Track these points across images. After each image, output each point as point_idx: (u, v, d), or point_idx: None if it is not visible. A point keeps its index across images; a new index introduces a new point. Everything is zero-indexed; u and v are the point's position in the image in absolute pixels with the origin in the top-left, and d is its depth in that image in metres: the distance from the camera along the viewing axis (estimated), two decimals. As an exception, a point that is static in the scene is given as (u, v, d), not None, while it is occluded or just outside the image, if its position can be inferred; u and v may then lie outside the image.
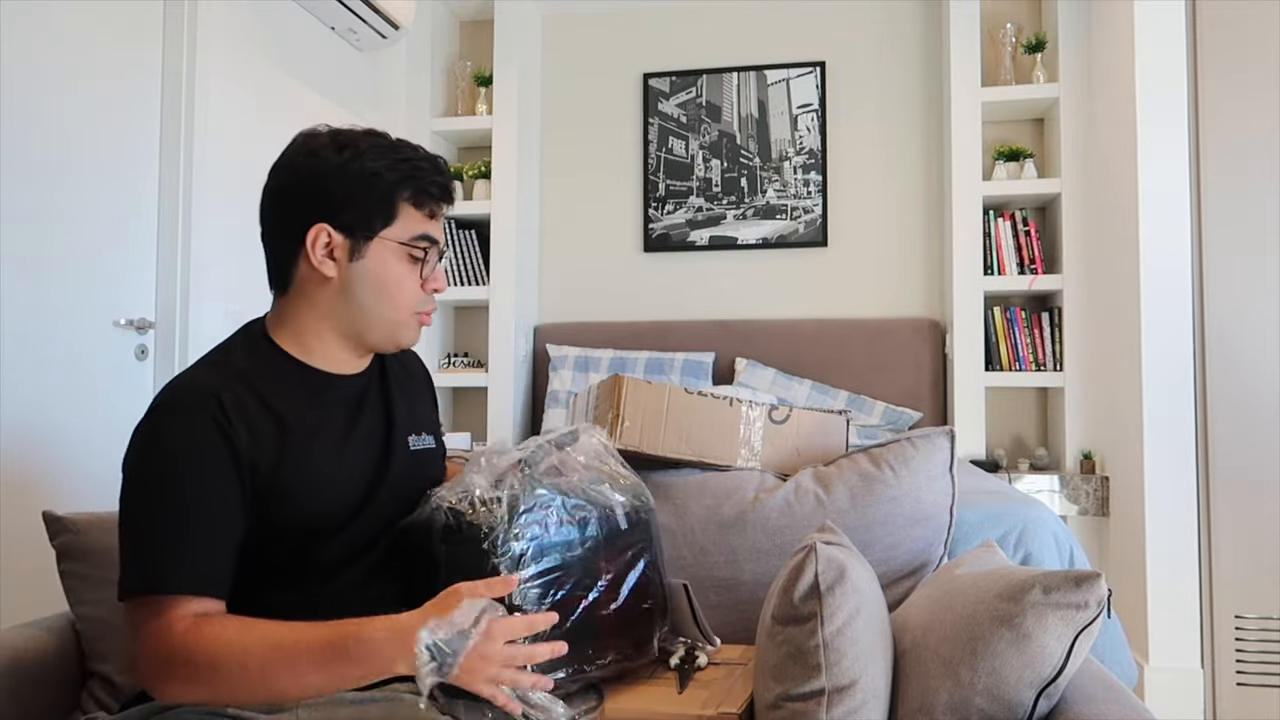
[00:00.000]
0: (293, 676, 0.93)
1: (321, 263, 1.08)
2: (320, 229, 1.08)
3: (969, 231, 3.19)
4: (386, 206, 1.09)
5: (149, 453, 1.01)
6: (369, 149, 1.09)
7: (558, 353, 3.50)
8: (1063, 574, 0.93)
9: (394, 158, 1.10)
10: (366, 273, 1.09)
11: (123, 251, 2.28)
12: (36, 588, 1.81)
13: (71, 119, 2.12)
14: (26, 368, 1.99)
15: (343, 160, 1.08)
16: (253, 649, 0.93)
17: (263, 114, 2.72)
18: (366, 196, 1.08)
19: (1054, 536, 1.62)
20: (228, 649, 0.93)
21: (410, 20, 3.20)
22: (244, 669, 0.93)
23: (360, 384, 1.17)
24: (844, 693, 0.94)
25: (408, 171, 1.10)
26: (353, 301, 1.10)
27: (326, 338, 1.12)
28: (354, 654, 0.92)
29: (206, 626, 0.95)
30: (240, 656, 0.93)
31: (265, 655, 0.93)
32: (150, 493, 0.99)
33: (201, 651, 0.93)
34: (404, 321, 1.13)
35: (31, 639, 1.31)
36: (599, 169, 3.75)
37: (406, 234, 1.10)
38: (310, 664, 0.93)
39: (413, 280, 1.12)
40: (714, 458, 1.45)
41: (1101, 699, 0.94)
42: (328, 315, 1.11)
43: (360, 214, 1.08)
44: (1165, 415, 2.60)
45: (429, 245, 1.12)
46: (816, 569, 0.97)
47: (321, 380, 1.12)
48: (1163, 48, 2.66)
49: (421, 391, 1.31)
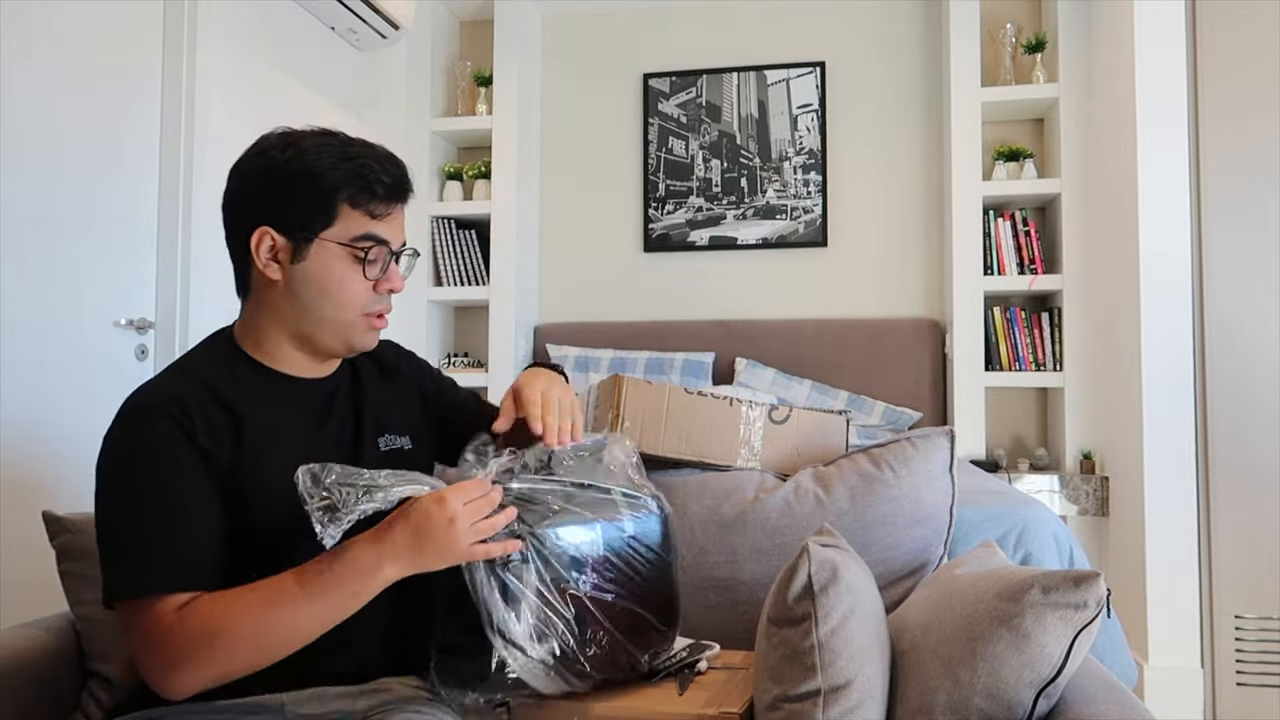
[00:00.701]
0: (283, 620, 0.95)
1: (267, 265, 1.08)
2: (264, 232, 1.07)
3: (969, 231, 3.20)
4: (326, 206, 1.06)
5: (116, 457, 1.02)
6: (312, 148, 1.07)
7: (558, 353, 3.50)
8: (1062, 574, 0.93)
9: (337, 156, 1.07)
10: (309, 274, 1.07)
11: (123, 251, 2.28)
12: (36, 588, 1.80)
13: (71, 119, 2.12)
14: (26, 368, 1.99)
15: (285, 159, 1.07)
16: (241, 611, 0.94)
17: (263, 114, 2.72)
18: (305, 196, 1.06)
19: (1054, 536, 1.62)
20: (219, 620, 0.94)
21: (410, 20, 3.20)
22: (240, 632, 0.94)
23: (327, 387, 1.16)
24: (840, 693, 0.94)
25: (350, 171, 1.07)
26: (298, 304, 1.09)
27: (281, 342, 1.11)
28: (339, 572, 0.95)
29: (191, 610, 0.95)
30: (233, 622, 0.94)
31: (255, 612, 0.94)
32: (121, 497, 1.00)
33: (196, 632, 0.94)
34: (352, 323, 1.10)
35: (31, 639, 1.31)
36: (599, 169, 3.75)
37: (347, 234, 1.07)
38: (301, 597, 0.95)
39: (358, 281, 1.09)
40: (714, 458, 1.45)
41: (1101, 699, 0.94)
42: (279, 319, 1.10)
43: (300, 215, 1.07)
44: (1165, 415, 2.60)
45: (373, 245, 1.08)
46: (810, 570, 0.97)
47: (284, 384, 1.12)
48: (1163, 48, 2.66)
49: (408, 387, 1.28)
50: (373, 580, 0.96)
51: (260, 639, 0.94)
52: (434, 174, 3.63)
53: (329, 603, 0.96)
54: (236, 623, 0.94)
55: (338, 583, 0.95)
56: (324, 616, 0.96)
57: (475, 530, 0.99)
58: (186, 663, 0.94)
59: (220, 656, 0.94)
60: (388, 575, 0.97)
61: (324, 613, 0.96)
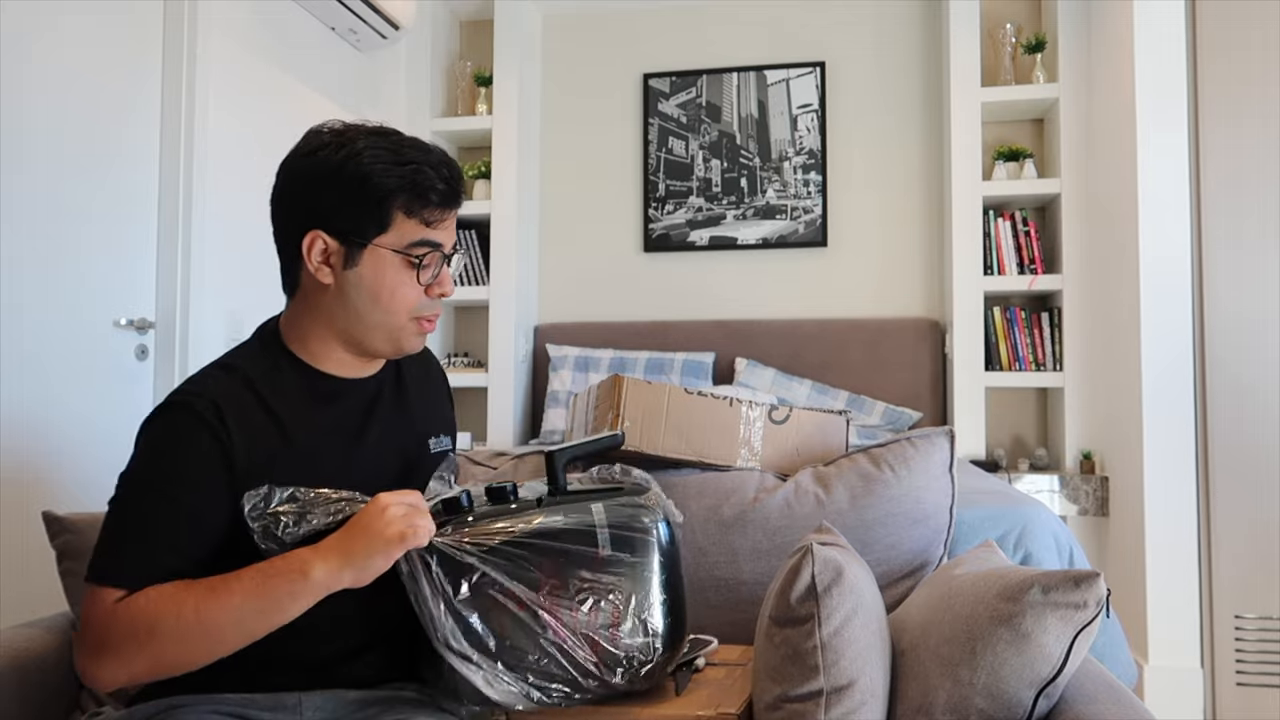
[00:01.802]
0: (225, 610, 0.93)
1: (318, 269, 1.06)
2: (315, 235, 1.05)
3: (969, 231, 3.20)
4: (380, 213, 1.04)
5: (137, 449, 1.02)
6: (366, 149, 1.04)
7: (558, 353, 3.50)
8: (1061, 574, 0.93)
9: (392, 160, 1.04)
10: (361, 280, 1.06)
11: (123, 251, 2.28)
12: (36, 588, 1.81)
13: (71, 118, 2.12)
14: (26, 368, 1.99)
15: (339, 162, 1.04)
16: (185, 597, 0.94)
17: (263, 114, 2.72)
18: (360, 202, 1.04)
19: (1054, 537, 1.62)
20: (162, 607, 0.94)
21: (410, 20, 3.20)
22: (181, 620, 0.93)
23: (371, 388, 1.16)
24: (842, 693, 0.94)
25: (406, 177, 1.04)
26: (350, 308, 1.08)
27: (330, 343, 1.11)
28: (280, 570, 0.95)
29: (137, 597, 0.95)
30: (174, 609, 0.93)
31: (197, 599, 0.94)
32: (127, 487, 1.01)
33: (139, 618, 0.93)
34: (403, 327, 1.10)
35: (31, 639, 1.31)
36: (599, 169, 3.75)
37: (402, 241, 1.06)
38: (243, 595, 0.94)
39: (410, 286, 1.08)
40: (714, 458, 1.45)
41: (1101, 699, 0.94)
42: (328, 321, 1.10)
43: (353, 220, 1.05)
44: (1165, 415, 2.60)
45: (429, 250, 1.07)
46: (813, 570, 0.97)
47: (329, 385, 1.11)
48: (1163, 48, 2.66)
49: (440, 392, 1.31)
50: (304, 580, 0.94)
51: (196, 630, 0.93)
52: (434, 174, 3.62)
53: (264, 600, 0.94)
54: (169, 615, 0.93)
55: (272, 581, 0.94)
56: (264, 614, 0.95)
57: (405, 514, 0.97)
58: (121, 650, 0.94)
59: (156, 645, 0.93)
60: (320, 574, 0.94)
61: (262, 610, 0.94)
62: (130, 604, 0.94)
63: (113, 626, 0.94)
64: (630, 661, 1.07)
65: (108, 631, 0.94)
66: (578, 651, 1.05)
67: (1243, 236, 2.58)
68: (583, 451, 1.28)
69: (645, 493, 1.15)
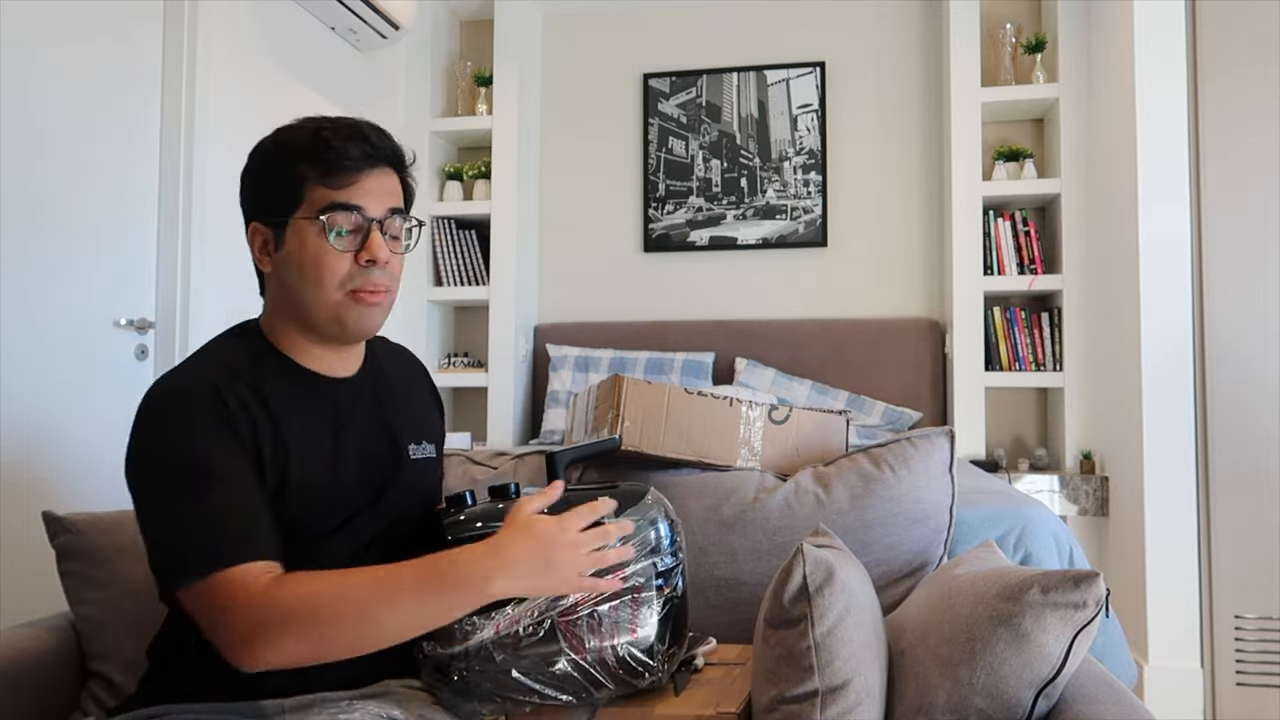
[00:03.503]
0: (393, 610, 0.92)
1: (260, 259, 1.09)
2: (254, 228, 1.09)
3: (969, 231, 3.20)
4: (294, 189, 1.05)
5: (161, 440, 0.98)
6: (286, 136, 1.07)
7: (558, 353, 3.50)
8: (1061, 574, 0.93)
9: (304, 136, 1.06)
10: (289, 258, 1.06)
11: (123, 251, 2.28)
12: (36, 588, 1.81)
13: (71, 119, 2.12)
14: (26, 368, 1.99)
15: (262, 154, 1.08)
16: (348, 591, 0.92)
17: (263, 114, 2.72)
18: (276, 182, 1.06)
19: (1054, 537, 1.62)
20: (322, 596, 0.92)
21: (410, 20, 3.20)
22: (342, 612, 0.91)
23: (350, 389, 1.14)
24: (837, 693, 0.94)
25: (308, 145, 1.05)
26: (288, 290, 1.07)
27: (293, 334, 1.10)
28: (449, 577, 0.94)
29: (290, 582, 0.93)
30: (337, 600, 0.92)
31: (362, 594, 0.92)
32: (175, 478, 0.96)
33: (296, 604, 0.91)
34: (339, 301, 1.06)
35: (31, 639, 1.31)
36: (599, 169, 3.75)
37: (313, 209, 1.05)
38: (411, 594, 0.93)
39: (332, 254, 1.04)
40: (714, 458, 1.45)
41: (1101, 699, 0.94)
42: (283, 312, 1.10)
43: (275, 202, 1.06)
44: (1165, 415, 2.60)
45: (342, 212, 1.04)
46: (804, 570, 0.97)
47: (313, 382, 1.10)
48: (1163, 48, 2.66)
49: (425, 399, 1.28)
50: (482, 593, 0.94)
51: (363, 622, 0.92)
52: (434, 174, 3.63)
53: (438, 605, 0.94)
54: (339, 604, 0.91)
55: (450, 587, 0.94)
56: (428, 617, 0.95)
57: (593, 559, 0.99)
58: (282, 633, 0.90)
59: (318, 632, 0.91)
60: (498, 590, 0.95)
61: (430, 614, 0.95)
62: (282, 589, 0.92)
63: (268, 607, 0.91)
64: (632, 660, 1.08)
65: (264, 613, 0.91)
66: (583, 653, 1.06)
67: (1243, 236, 2.58)
68: (582, 453, 1.28)
69: (645, 493, 1.15)
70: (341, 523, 1.07)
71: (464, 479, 1.53)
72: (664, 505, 1.15)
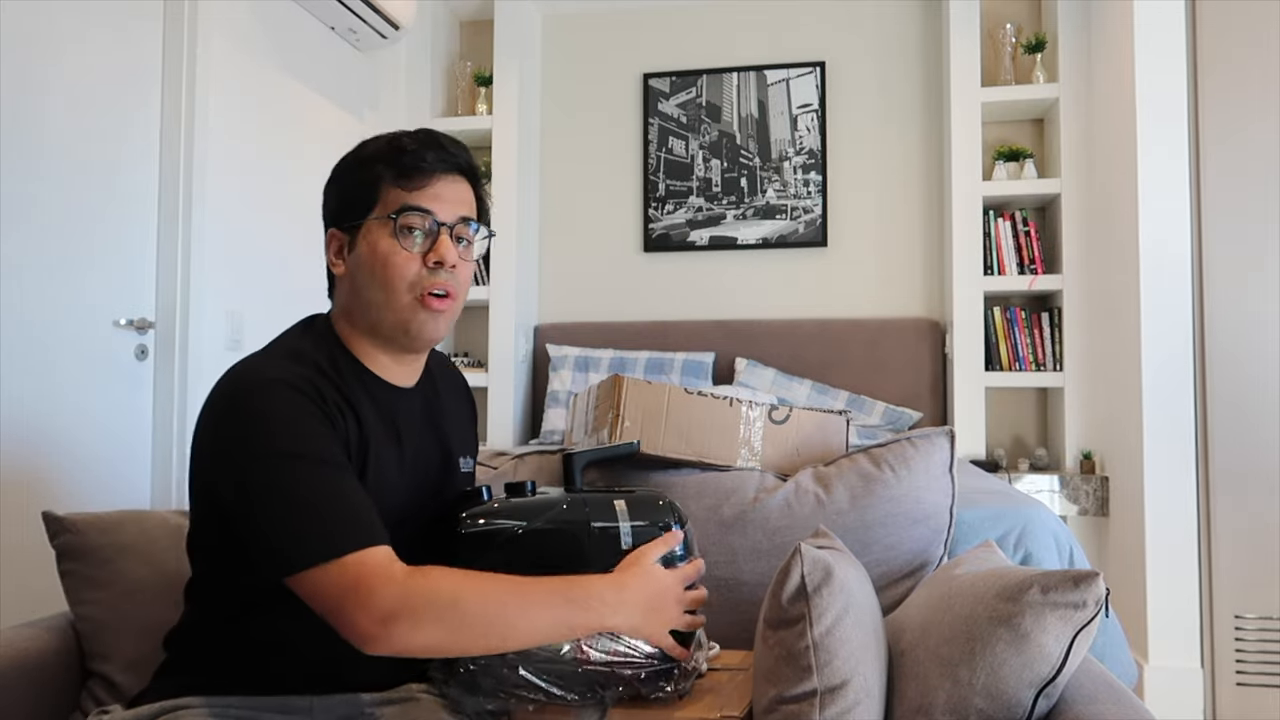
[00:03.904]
0: (525, 616, 0.95)
1: (334, 263, 1.11)
2: (331, 234, 1.12)
3: (969, 231, 3.20)
4: (369, 191, 1.08)
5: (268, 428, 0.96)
6: (368, 143, 1.11)
7: (558, 353, 3.50)
8: (1061, 573, 0.93)
9: (383, 142, 1.10)
10: (360, 260, 1.08)
11: (123, 251, 2.28)
12: (36, 588, 1.81)
13: (71, 118, 2.12)
14: (26, 368, 1.99)
15: (344, 162, 1.12)
16: (490, 589, 0.95)
17: (263, 114, 2.72)
18: (354, 187, 1.09)
19: (1054, 537, 1.62)
20: (466, 589, 0.94)
21: (410, 20, 3.20)
22: (484, 606, 0.93)
23: (411, 402, 1.15)
24: (836, 693, 0.94)
25: (385, 149, 1.09)
26: (357, 293, 1.09)
27: (361, 340, 1.11)
28: (580, 600, 0.98)
29: (431, 572, 0.94)
30: (480, 596, 0.94)
31: (502, 596, 0.95)
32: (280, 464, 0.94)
33: (441, 592, 0.93)
34: (407, 304, 1.06)
35: (31, 639, 1.31)
36: (599, 169, 3.75)
37: (387, 210, 1.07)
38: (542, 605, 0.96)
39: (402, 255, 1.05)
40: (714, 458, 1.45)
41: (1101, 698, 0.94)
42: (352, 317, 1.11)
43: (350, 206, 1.09)
44: (1165, 415, 2.60)
45: (415, 214, 1.06)
46: (803, 570, 0.97)
47: (383, 389, 1.11)
48: (1163, 48, 2.66)
49: (469, 415, 1.32)
50: (603, 621, 1.00)
51: (499, 621, 0.94)
52: (434, 174, 3.62)
53: (565, 621, 0.98)
54: (481, 598, 0.93)
55: (579, 609, 0.98)
56: (552, 631, 0.99)
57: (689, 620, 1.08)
58: (425, 616, 0.91)
59: (459, 622, 0.92)
60: (615, 623, 1.01)
61: (555, 627, 0.98)
62: (425, 575, 0.93)
63: (412, 592, 0.91)
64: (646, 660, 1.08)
65: (408, 597, 0.91)
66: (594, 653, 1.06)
67: (1243, 236, 2.58)
68: (600, 456, 1.29)
69: (660, 498, 1.17)
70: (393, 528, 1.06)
71: (464, 479, 1.53)
72: (677, 510, 1.17)
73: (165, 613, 1.13)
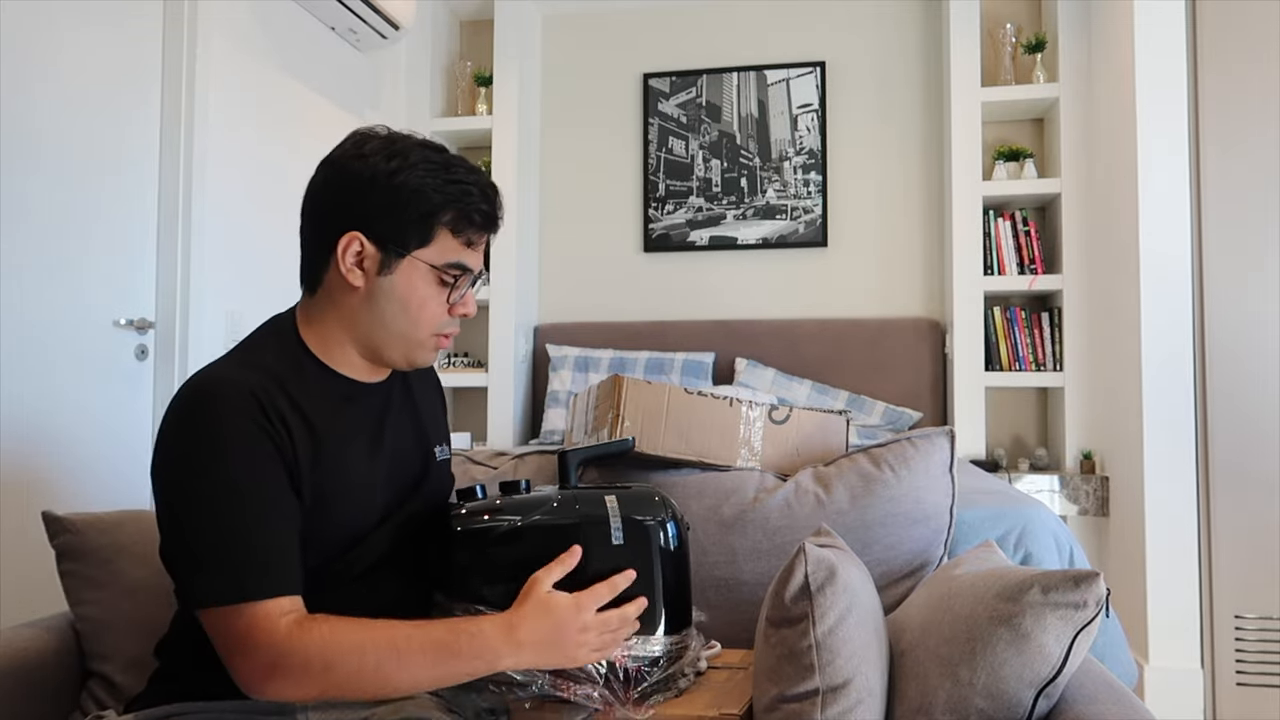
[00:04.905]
0: (404, 672, 0.95)
1: (350, 271, 1.05)
2: (353, 237, 1.05)
3: (969, 231, 3.20)
4: (424, 227, 1.05)
5: (193, 453, 0.97)
6: (419, 163, 1.05)
7: (558, 353, 3.50)
8: (1061, 574, 0.93)
9: (443, 178, 1.06)
10: (393, 289, 1.06)
11: (123, 251, 2.28)
12: (36, 588, 1.81)
13: (71, 119, 2.12)
14: (26, 368, 1.99)
15: (390, 170, 1.04)
16: (367, 648, 0.94)
17: (263, 114, 2.72)
18: (406, 213, 1.05)
19: (1054, 537, 1.62)
20: (342, 648, 0.94)
21: (410, 20, 3.20)
22: (360, 666, 0.94)
23: (383, 393, 1.16)
24: (838, 692, 0.94)
25: (454, 195, 1.06)
26: (375, 315, 1.07)
27: (346, 346, 1.10)
28: (465, 650, 0.97)
29: (313, 626, 0.94)
30: (356, 655, 0.94)
31: (380, 654, 0.94)
32: (203, 495, 0.96)
33: (316, 650, 0.93)
34: (422, 342, 1.10)
35: (31, 639, 1.31)
36: (599, 169, 3.75)
37: (440, 258, 1.07)
38: (421, 659, 0.95)
39: (438, 303, 1.08)
40: (714, 458, 1.45)
41: (1101, 698, 0.94)
42: (349, 324, 1.09)
43: (396, 229, 1.05)
44: (1165, 415, 2.60)
45: (461, 273, 1.09)
46: (806, 570, 0.97)
47: (348, 388, 1.11)
48: (1163, 47, 2.66)
49: (439, 402, 1.32)
50: (491, 668, 0.98)
51: (375, 678, 0.94)
52: (434, 174, 3.62)
53: (448, 672, 0.97)
54: (358, 659, 0.94)
55: (464, 660, 0.97)
56: (437, 681, 0.98)
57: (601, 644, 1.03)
58: (297, 678, 0.93)
59: (329, 681, 0.94)
60: (505, 666, 0.99)
61: (439, 679, 0.98)
62: (305, 634, 0.93)
63: (289, 653, 0.92)
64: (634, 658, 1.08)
65: (284, 657, 0.93)
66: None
67: (1243, 236, 2.58)
68: (595, 454, 1.29)
69: (655, 492, 1.17)
70: (377, 524, 1.09)
71: (464, 479, 1.53)
72: (670, 506, 1.17)
73: (165, 613, 1.12)
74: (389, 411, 1.16)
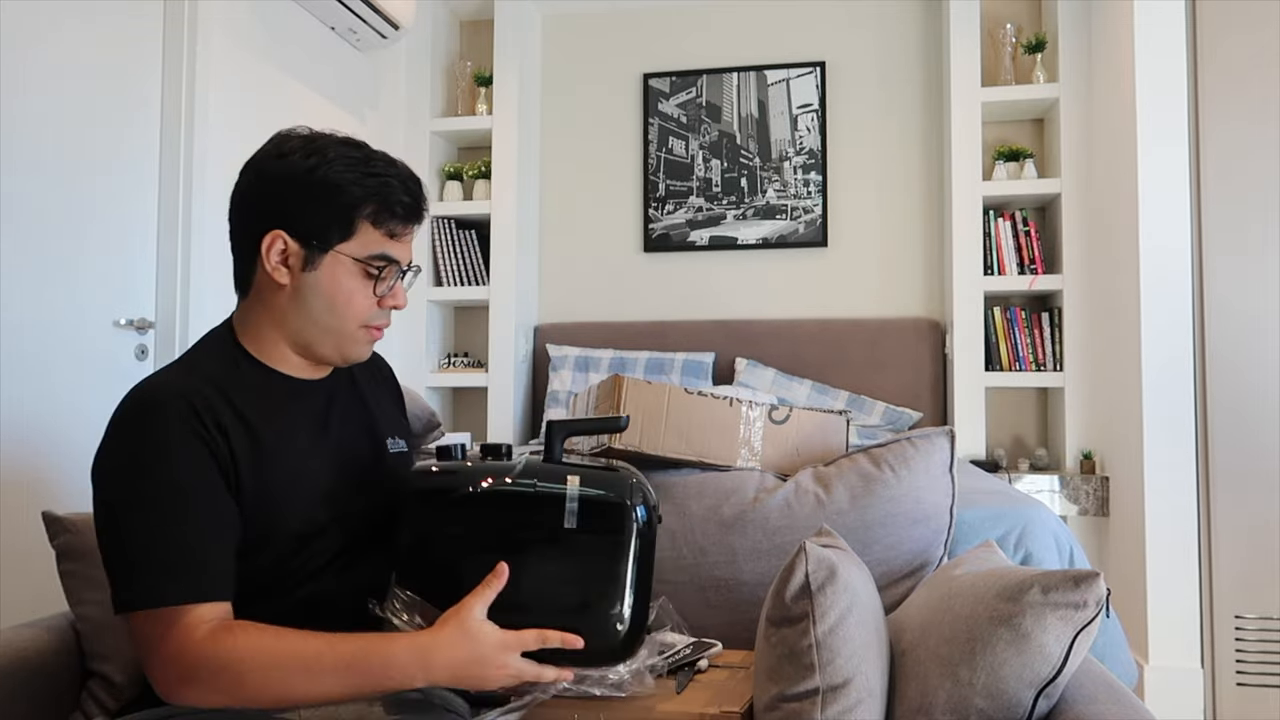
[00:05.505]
0: (314, 686, 0.95)
1: (275, 269, 1.07)
2: (276, 235, 1.06)
3: (969, 231, 3.20)
4: (345, 221, 1.07)
5: (127, 457, 0.99)
6: (338, 159, 1.06)
7: (558, 353, 3.50)
8: (1061, 574, 0.93)
9: (362, 171, 1.07)
10: (318, 284, 1.07)
11: (123, 251, 2.28)
12: (36, 588, 1.81)
13: (71, 119, 2.12)
14: (27, 368, 1.99)
15: (308, 167, 1.06)
16: (278, 660, 0.94)
17: (263, 114, 2.72)
18: (326, 208, 1.06)
19: (1054, 537, 1.62)
20: (252, 659, 0.94)
21: (410, 20, 3.20)
22: (267, 680, 0.94)
23: (326, 389, 1.16)
24: (838, 692, 0.94)
25: (373, 188, 1.07)
26: (303, 311, 1.08)
27: (281, 345, 1.11)
28: (376, 671, 0.95)
29: (227, 636, 0.95)
30: (264, 667, 0.94)
31: (289, 667, 0.94)
32: (136, 499, 0.98)
33: (227, 661, 0.93)
34: (352, 335, 1.11)
35: (31, 639, 1.31)
36: (599, 169, 3.75)
37: (364, 251, 1.08)
38: (332, 677, 0.95)
39: (365, 296, 1.09)
40: (714, 458, 1.45)
41: (1101, 699, 0.94)
42: (280, 322, 1.10)
43: (318, 225, 1.06)
44: (1165, 415, 2.60)
45: (386, 264, 1.09)
46: (807, 569, 0.97)
47: (287, 385, 1.12)
48: (1163, 47, 2.66)
49: (391, 395, 1.32)
50: (405, 686, 0.97)
51: (281, 692, 0.94)
52: (434, 174, 3.63)
53: (357, 688, 0.96)
54: (265, 672, 0.94)
55: (374, 677, 0.96)
56: (343, 697, 0.97)
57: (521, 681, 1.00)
58: (207, 686, 0.94)
59: (238, 692, 0.94)
60: (418, 685, 0.97)
61: (349, 694, 0.97)
62: (218, 644, 0.94)
63: (201, 663, 0.93)
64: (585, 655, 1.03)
65: (196, 666, 0.93)
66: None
67: (1243, 236, 2.58)
68: (584, 428, 1.25)
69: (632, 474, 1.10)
70: (329, 519, 1.09)
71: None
72: (644, 490, 1.10)
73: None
74: (333, 406, 1.16)
